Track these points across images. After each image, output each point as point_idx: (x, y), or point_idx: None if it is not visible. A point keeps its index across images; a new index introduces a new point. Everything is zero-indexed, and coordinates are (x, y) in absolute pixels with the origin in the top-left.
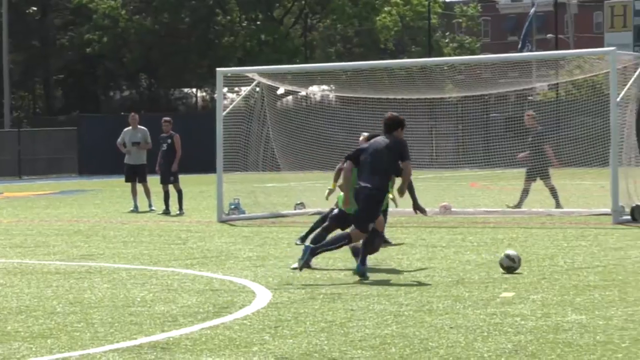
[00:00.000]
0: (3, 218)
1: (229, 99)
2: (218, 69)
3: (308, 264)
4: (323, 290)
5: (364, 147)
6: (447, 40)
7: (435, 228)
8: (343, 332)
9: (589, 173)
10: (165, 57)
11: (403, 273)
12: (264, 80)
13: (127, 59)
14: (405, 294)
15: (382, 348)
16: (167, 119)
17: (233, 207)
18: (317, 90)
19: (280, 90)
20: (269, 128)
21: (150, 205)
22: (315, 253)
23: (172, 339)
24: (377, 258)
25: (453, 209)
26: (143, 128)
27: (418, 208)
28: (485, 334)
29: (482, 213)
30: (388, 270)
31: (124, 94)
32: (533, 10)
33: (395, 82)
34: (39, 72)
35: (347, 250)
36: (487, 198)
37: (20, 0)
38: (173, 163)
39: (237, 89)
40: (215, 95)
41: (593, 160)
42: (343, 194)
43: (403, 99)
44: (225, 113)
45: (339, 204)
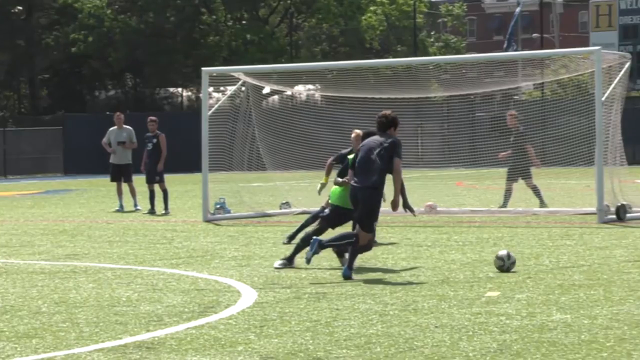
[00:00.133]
0: None
1: (215, 99)
2: (203, 69)
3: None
4: (308, 290)
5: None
6: (432, 40)
7: (421, 227)
8: (328, 331)
9: (574, 172)
10: (151, 56)
11: (388, 272)
12: (250, 80)
13: (112, 59)
14: (391, 293)
15: (367, 347)
16: (152, 119)
17: (218, 206)
18: (302, 90)
19: (266, 90)
20: (255, 127)
21: (136, 205)
22: (324, 247)
23: (157, 339)
24: (362, 257)
25: (439, 209)
26: (128, 127)
27: (407, 207)
28: (471, 333)
29: (467, 212)
30: (373, 270)
31: (110, 94)
32: (518, 10)
33: (381, 81)
34: (24, 71)
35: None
36: (472, 197)
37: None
38: (159, 162)
39: (222, 89)
40: (201, 95)
41: (578, 160)
42: (335, 188)
43: (389, 99)
44: (211, 112)
45: (331, 199)
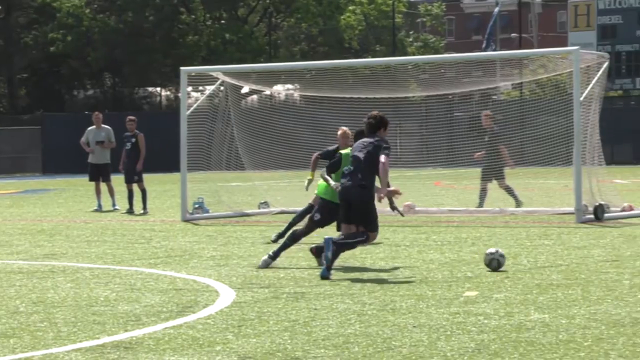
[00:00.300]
0: None
1: (193, 98)
2: (182, 68)
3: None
4: (286, 290)
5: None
6: (411, 40)
7: (399, 227)
8: (306, 331)
9: (553, 172)
10: (130, 56)
11: (366, 272)
12: (228, 79)
13: (91, 58)
14: (369, 293)
15: (345, 347)
16: (131, 118)
17: (197, 206)
18: (281, 90)
19: (245, 89)
20: (233, 127)
21: (114, 205)
22: (344, 246)
23: (135, 339)
24: (341, 257)
25: (417, 208)
26: (107, 127)
27: (394, 208)
28: (449, 333)
29: (446, 212)
30: (352, 270)
31: (88, 93)
32: (497, 10)
33: (360, 81)
34: (3, 70)
35: (311, 248)
36: (451, 197)
37: None
38: (137, 162)
39: (201, 88)
40: (180, 94)
41: (557, 160)
42: (322, 182)
43: (367, 98)
44: (190, 112)
45: (320, 193)
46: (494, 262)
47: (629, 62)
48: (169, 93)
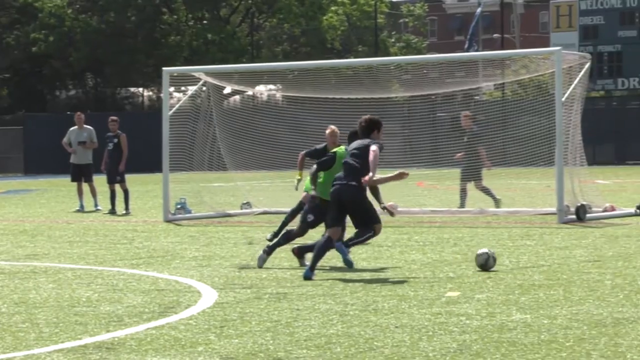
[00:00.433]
0: None
1: (176, 99)
2: (164, 68)
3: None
4: (269, 290)
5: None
6: (393, 40)
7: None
8: (288, 331)
9: (535, 173)
10: (112, 56)
11: (349, 273)
12: (211, 80)
13: (73, 58)
14: (351, 294)
15: (327, 347)
16: (113, 118)
17: (179, 206)
18: (263, 90)
19: (227, 90)
20: (216, 127)
21: (96, 205)
22: (349, 246)
23: (117, 339)
24: (324, 257)
25: (399, 209)
26: (89, 127)
27: (384, 208)
28: (431, 334)
29: (428, 213)
30: (334, 270)
31: (70, 93)
32: (479, 10)
33: (342, 81)
34: None
35: (297, 249)
36: (433, 198)
37: None
38: (119, 162)
39: (183, 89)
40: (162, 95)
41: (539, 160)
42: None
43: (350, 99)
44: (172, 112)
45: (307, 189)
46: (490, 260)
47: (611, 62)
48: (151, 93)
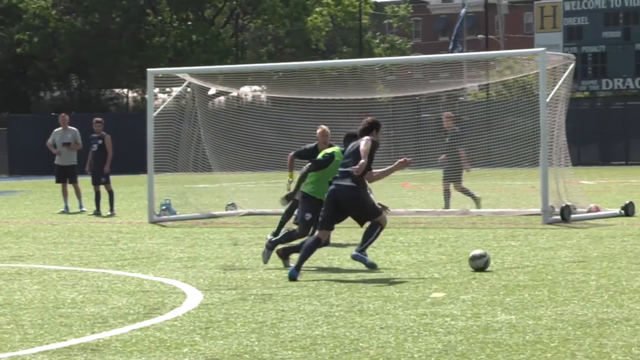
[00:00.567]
0: None
1: (160, 100)
2: (149, 70)
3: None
4: (254, 291)
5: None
6: (378, 41)
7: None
8: (274, 332)
9: (520, 173)
10: (96, 57)
11: (334, 274)
12: (195, 81)
13: (57, 59)
14: (336, 295)
15: (312, 349)
16: (98, 120)
17: (164, 207)
18: (248, 91)
19: (212, 91)
20: (200, 128)
21: (81, 206)
22: (364, 250)
23: (102, 341)
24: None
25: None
26: (73, 129)
27: (380, 204)
28: (416, 334)
29: (413, 213)
30: (319, 271)
31: (55, 94)
32: (464, 11)
33: (327, 82)
34: None
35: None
36: (418, 198)
37: None
38: (104, 164)
39: (168, 90)
40: (146, 96)
41: (523, 161)
42: (309, 178)
43: (334, 100)
44: (156, 113)
45: (305, 188)
46: (489, 262)
47: (595, 63)
48: (136, 94)
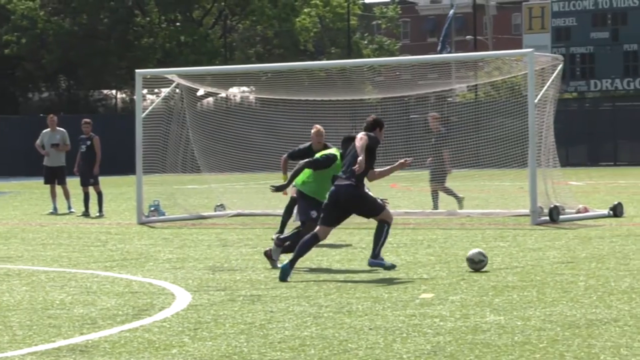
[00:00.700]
0: None
1: (149, 101)
2: (137, 71)
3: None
4: (243, 292)
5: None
6: (366, 42)
7: (355, 229)
8: (262, 333)
9: (508, 174)
10: (85, 58)
11: (323, 274)
12: (184, 82)
13: (45, 60)
14: (325, 296)
15: (301, 350)
16: (86, 121)
17: (153, 208)
18: (237, 92)
19: (200, 92)
20: (189, 129)
21: (70, 207)
22: (378, 253)
23: (91, 342)
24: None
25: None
26: (62, 130)
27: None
28: (404, 335)
29: (401, 214)
30: (308, 272)
31: (43, 96)
32: (452, 12)
33: (315, 83)
34: None
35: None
36: (407, 199)
37: None
38: (93, 165)
39: (156, 91)
40: (135, 97)
41: (512, 162)
42: (301, 175)
43: (323, 101)
44: (145, 114)
45: (297, 184)
46: (483, 264)
47: (583, 64)
48: (124, 95)
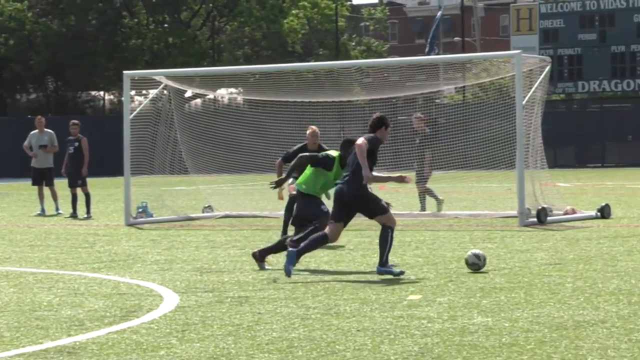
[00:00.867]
0: None
1: (137, 102)
2: (125, 72)
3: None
4: (230, 294)
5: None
6: (354, 43)
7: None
8: (250, 335)
9: (496, 175)
10: (73, 59)
11: (310, 276)
12: (172, 83)
13: (34, 62)
14: (313, 297)
15: (289, 351)
16: (74, 122)
17: (141, 210)
18: (225, 93)
19: (188, 93)
20: (177, 131)
21: (57, 209)
22: (386, 259)
23: (78, 344)
24: (280, 261)
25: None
26: (49, 131)
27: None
28: (392, 337)
29: None
30: (295, 273)
31: (31, 97)
32: (440, 14)
33: (303, 85)
34: None
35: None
36: (395, 201)
37: None
38: (81, 166)
39: (144, 92)
40: (123, 98)
41: (499, 163)
42: (302, 176)
43: (311, 102)
44: (133, 116)
45: (297, 183)
46: (475, 266)
47: (571, 65)
48: (112, 97)
